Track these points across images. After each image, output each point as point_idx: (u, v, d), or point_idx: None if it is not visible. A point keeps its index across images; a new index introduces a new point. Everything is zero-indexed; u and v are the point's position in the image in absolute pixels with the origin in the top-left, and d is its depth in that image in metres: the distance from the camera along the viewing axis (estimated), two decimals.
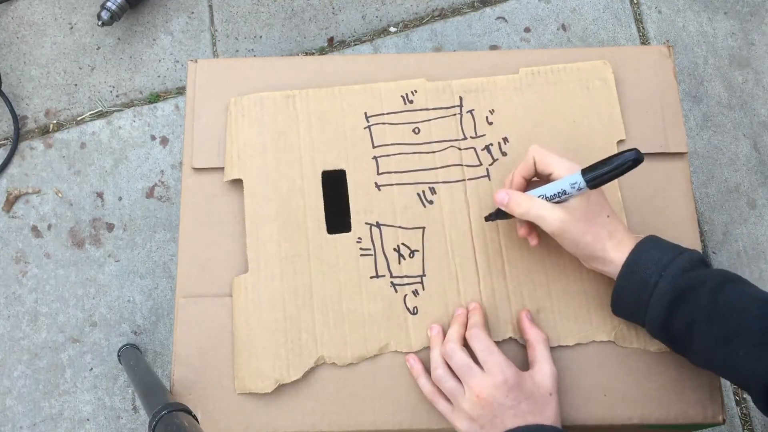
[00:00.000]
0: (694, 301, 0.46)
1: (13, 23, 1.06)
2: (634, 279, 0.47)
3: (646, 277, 0.47)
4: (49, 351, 0.92)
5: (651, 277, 0.47)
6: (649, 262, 0.47)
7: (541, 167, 0.50)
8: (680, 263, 0.47)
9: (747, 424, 0.90)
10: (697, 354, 0.47)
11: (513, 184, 0.52)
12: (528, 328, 0.52)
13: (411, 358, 0.53)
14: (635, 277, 0.47)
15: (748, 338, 0.44)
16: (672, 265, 0.47)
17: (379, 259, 0.55)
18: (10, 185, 0.98)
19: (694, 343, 0.46)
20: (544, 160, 0.50)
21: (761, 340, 0.43)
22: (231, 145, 0.58)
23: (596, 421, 0.52)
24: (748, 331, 0.44)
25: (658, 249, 0.48)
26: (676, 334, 0.47)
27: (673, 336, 0.47)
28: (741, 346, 0.44)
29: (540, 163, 0.50)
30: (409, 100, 0.59)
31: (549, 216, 0.48)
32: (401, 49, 1.04)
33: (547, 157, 0.50)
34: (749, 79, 1.03)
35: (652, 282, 0.47)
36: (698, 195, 0.98)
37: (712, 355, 0.46)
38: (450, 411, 0.50)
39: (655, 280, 0.46)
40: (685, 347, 0.48)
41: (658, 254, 0.47)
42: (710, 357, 0.46)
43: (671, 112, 0.59)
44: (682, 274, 0.46)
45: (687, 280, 0.46)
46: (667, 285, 0.46)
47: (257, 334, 0.53)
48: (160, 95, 1.02)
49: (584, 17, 1.06)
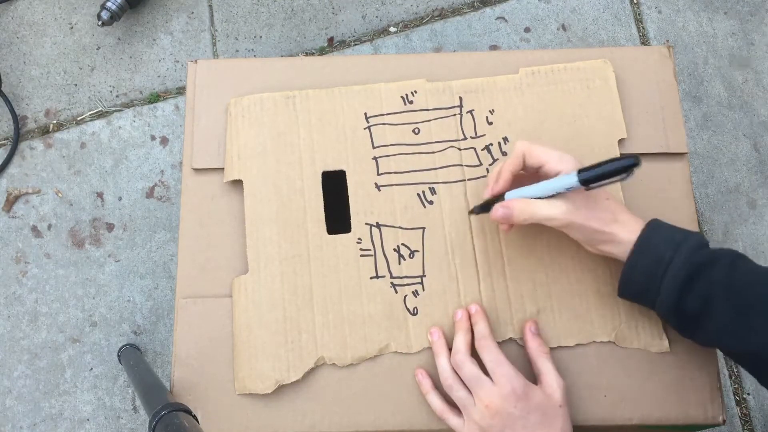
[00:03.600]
0: (709, 276, 0.46)
1: (13, 23, 1.06)
2: (648, 256, 0.47)
3: (660, 254, 0.47)
4: (49, 351, 0.92)
5: (665, 254, 0.47)
6: (663, 240, 0.47)
7: (531, 161, 0.50)
8: (693, 241, 0.47)
9: (747, 424, 0.90)
10: (710, 331, 0.47)
11: (501, 180, 0.51)
12: (530, 340, 0.52)
13: (419, 373, 0.53)
14: (649, 254, 0.47)
15: (763, 311, 0.44)
16: (685, 242, 0.47)
17: (379, 259, 0.55)
18: (10, 185, 0.98)
19: (709, 318, 0.46)
20: (533, 154, 0.50)
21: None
22: (231, 145, 0.58)
23: (596, 421, 0.52)
24: (763, 305, 0.45)
25: (668, 229, 0.49)
26: (690, 312, 0.47)
27: (685, 313, 0.47)
28: (757, 320, 0.45)
29: (530, 157, 0.50)
30: (409, 101, 0.59)
31: (552, 213, 0.48)
32: (401, 49, 1.04)
33: (536, 150, 0.50)
34: (749, 79, 1.03)
35: (667, 259, 0.47)
36: (698, 195, 0.98)
37: (727, 330, 0.46)
38: (461, 425, 0.50)
39: (669, 257, 0.47)
40: (697, 325, 0.48)
41: (669, 234, 0.48)
42: (725, 332, 0.46)
43: (671, 112, 0.59)
44: (696, 250, 0.47)
45: (701, 256, 0.47)
46: (683, 261, 0.46)
47: (257, 334, 0.53)
48: (160, 95, 1.02)
49: (584, 17, 1.06)
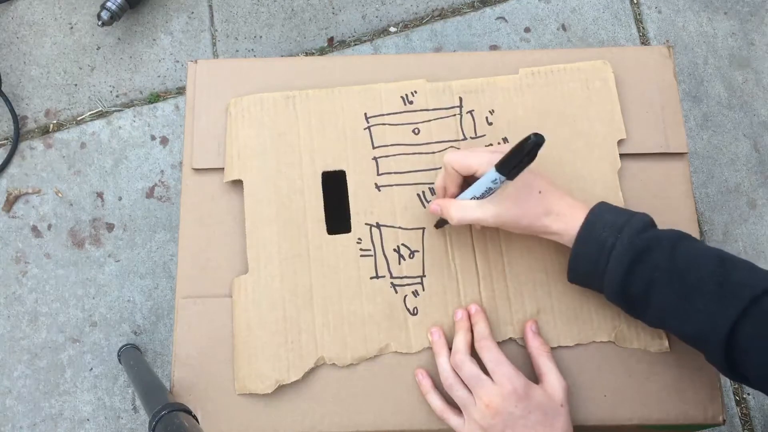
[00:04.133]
0: (651, 260, 0.46)
1: (13, 23, 1.06)
2: (591, 243, 0.48)
3: (603, 240, 0.47)
4: (49, 351, 0.92)
5: (607, 239, 0.47)
6: (605, 226, 0.48)
7: (463, 171, 0.51)
8: (635, 225, 0.47)
9: (747, 424, 0.90)
10: (654, 313, 0.48)
11: (448, 195, 0.53)
12: (531, 340, 0.52)
13: (419, 373, 0.53)
14: (591, 241, 0.48)
15: (706, 293, 0.45)
16: (627, 227, 0.47)
17: (379, 259, 0.55)
18: (10, 185, 0.98)
19: (653, 301, 0.47)
20: (462, 163, 0.50)
21: (719, 294, 0.44)
22: (231, 145, 0.58)
23: (596, 421, 0.52)
24: (706, 286, 0.45)
25: (611, 213, 0.49)
26: (635, 295, 0.47)
27: (630, 297, 0.48)
28: (699, 301, 0.45)
29: (460, 167, 0.51)
30: (409, 101, 0.59)
31: (482, 216, 0.50)
32: (401, 49, 1.04)
33: (464, 159, 0.50)
34: (749, 79, 1.03)
35: (609, 244, 0.47)
36: (698, 195, 0.98)
37: (671, 312, 0.46)
38: (462, 425, 0.50)
39: (612, 242, 0.47)
40: (643, 307, 0.48)
41: (612, 218, 0.48)
42: (669, 314, 0.47)
43: (671, 112, 0.59)
44: (637, 234, 0.47)
45: (643, 240, 0.47)
46: (624, 246, 0.47)
47: (257, 334, 0.53)
48: (160, 95, 1.02)
49: (584, 17, 1.06)
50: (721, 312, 0.44)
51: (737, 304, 0.43)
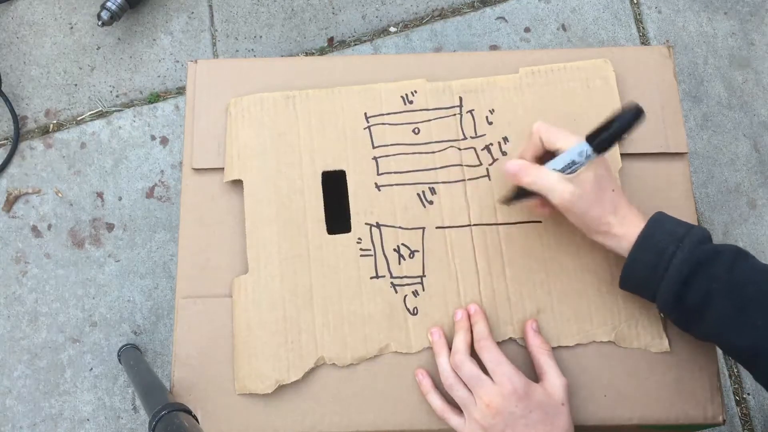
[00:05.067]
0: (710, 271, 0.47)
1: (13, 23, 1.06)
2: (650, 250, 0.48)
3: (663, 248, 0.47)
4: (49, 351, 0.92)
5: (668, 248, 0.47)
6: (665, 234, 0.48)
7: (547, 143, 0.50)
8: (695, 236, 0.48)
9: (747, 424, 0.90)
10: (708, 325, 0.47)
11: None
12: (532, 339, 0.52)
13: (420, 373, 0.53)
14: (651, 248, 0.48)
15: (764, 308, 0.45)
16: (687, 237, 0.48)
17: (379, 259, 0.55)
18: (10, 185, 0.98)
19: (709, 313, 0.47)
20: (549, 136, 0.50)
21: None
22: (231, 145, 0.58)
23: (596, 421, 0.52)
24: (765, 301, 0.45)
25: (671, 223, 0.49)
26: (690, 305, 0.47)
27: (685, 307, 0.48)
28: (757, 315, 0.45)
29: (546, 139, 0.50)
30: (408, 101, 0.59)
31: (558, 188, 0.49)
32: (401, 49, 1.04)
33: (552, 132, 0.50)
34: (749, 79, 1.03)
35: (670, 252, 0.47)
36: (698, 195, 0.98)
37: (727, 325, 0.46)
38: (462, 424, 0.50)
39: (672, 251, 0.47)
40: (696, 319, 0.48)
41: (672, 227, 0.48)
42: (723, 327, 0.47)
43: (671, 112, 0.59)
44: (697, 245, 0.47)
45: (703, 251, 0.47)
46: (685, 255, 0.47)
47: (257, 334, 0.53)
48: (160, 95, 1.02)
49: (584, 17, 1.06)
50: None
51: None
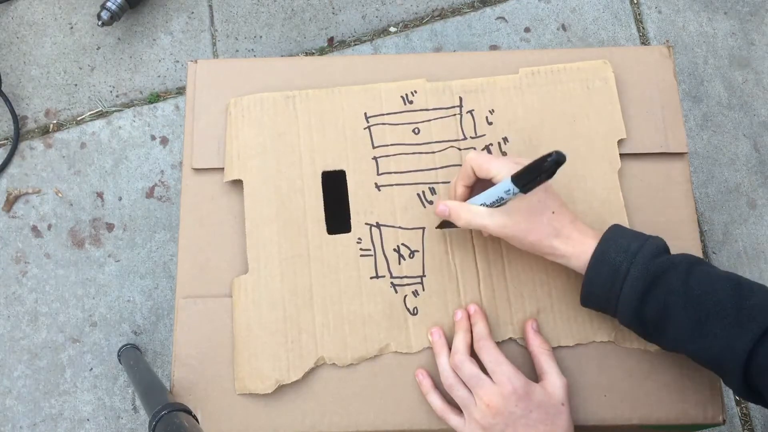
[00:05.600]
0: (666, 285, 0.46)
1: (13, 23, 1.06)
2: (604, 268, 0.48)
3: (617, 265, 0.47)
4: (49, 351, 0.92)
5: (621, 264, 0.47)
6: (618, 251, 0.48)
7: (481, 173, 0.50)
8: (649, 249, 0.47)
9: (747, 424, 0.90)
10: (670, 338, 0.47)
11: (456, 195, 0.53)
12: (532, 338, 0.52)
13: (420, 373, 0.53)
14: (605, 266, 0.48)
15: (723, 317, 0.44)
16: (641, 252, 0.47)
17: (379, 259, 0.55)
18: (10, 185, 0.98)
19: (669, 326, 0.47)
20: (482, 167, 0.50)
21: (736, 319, 0.44)
22: (231, 145, 0.58)
23: (596, 421, 0.52)
24: (722, 311, 0.45)
25: (625, 237, 0.49)
26: (649, 320, 0.47)
27: (645, 322, 0.48)
28: (716, 325, 0.45)
29: (479, 170, 0.50)
30: (409, 101, 0.59)
31: (490, 224, 0.49)
32: (401, 49, 1.04)
33: (486, 163, 0.50)
34: (749, 79, 1.03)
35: (624, 269, 0.47)
36: (698, 195, 0.98)
37: (688, 337, 0.46)
38: (462, 424, 0.50)
39: (626, 268, 0.47)
40: (659, 332, 0.48)
41: (626, 242, 0.48)
42: (685, 339, 0.46)
43: (671, 112, 0.59)
44: (651, 259, 0.47)
45: (657, 265, 0.47)
46: (639, 271, 0.47)
47: (257, 334, 0.53)
48: (160, 95, 1.02)
49: (584, 17, 1.06)
50: (739, 336, 0.44)
51: (755, 329, 0.43)
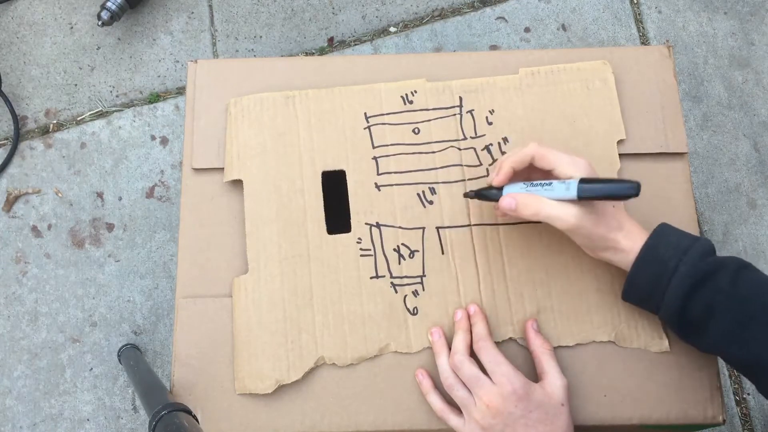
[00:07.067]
0: (714, 284, 0.46)
1: (13, 23, 1.06)
2: (653, 262, 0.48)
3: (666, 260, 0.47)
4: (49, 351, 0.92)
5: (671, 260, 0.47)
6: (669, 247, 0.48)
7: (542, 164, 0.50)
8: (699, 248, 0.48)
9: (747, 424, 0.90)
10: (711, 338, 0.47)
11: (501, 174, 0.51)
12: (533, 338, 0.52)
13: (420, 373, 0.53)
14: (654, 260, 0.48)
15: (766, 323, 0.45)
16: (692, 249, 0.47)
17: (379, 259, 0.55)
18: (10, 185, 0.98)
19: (711, 326, 0.47)
20: (545, 158, 0.49)
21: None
22: (231, 145, 0.58)
23: (596, 421, 0.52)
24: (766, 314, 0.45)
25: (675, 235, 0.49)
26: (693, 319, 0.47)
27: (688, 320, 0.48)
28: (759, 330, 0.45)
29: (541, 160, 0.49)
30: (408, 101, 0.59)
31: (562, 214, 0.48)
32: (401, 49, 1.04)
33: (549, 155, 0.49)
34: (749, 79, 1.03)
35: (672, 265, 0.47)
36: (698, 195, 0.98)
37: (728, 339, 0.46)
38: (462, 425, 0.50)
39: (675, 264, 0.47)
40: (699, 332, 0.48)
41: (676, 240, 0.48)
42: (725, 341, 0.46)
43: (671, 112, 0.59)
44: (701, 258, 0.47)
45: (707, 264, 0.47)
46: (688, 269, 0.47)
47: (257, 334, 0.53)
48: (160, 95, 1.02)
49: (584, 17, 1.06)
50: None
51: None
